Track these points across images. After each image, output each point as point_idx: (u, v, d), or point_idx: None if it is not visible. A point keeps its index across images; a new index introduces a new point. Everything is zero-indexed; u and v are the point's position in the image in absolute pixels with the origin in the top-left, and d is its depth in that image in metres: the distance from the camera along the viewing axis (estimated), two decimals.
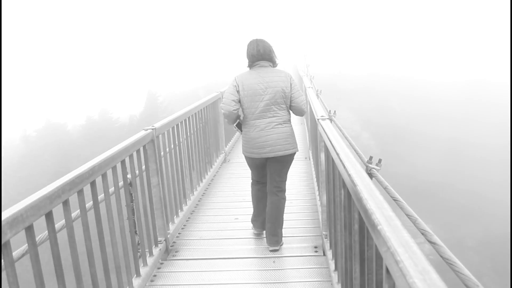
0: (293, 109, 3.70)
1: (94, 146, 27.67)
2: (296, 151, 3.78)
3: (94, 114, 32.24)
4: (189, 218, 4.56)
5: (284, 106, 3.61)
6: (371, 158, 3.14)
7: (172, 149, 4.28)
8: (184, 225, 4.37)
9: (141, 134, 3.39)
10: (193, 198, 4.83)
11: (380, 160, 3.08)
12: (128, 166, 3.15)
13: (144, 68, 55.12)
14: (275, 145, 3.61)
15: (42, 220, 1.90)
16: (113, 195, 2.87)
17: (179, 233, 4.17)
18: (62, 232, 2.21)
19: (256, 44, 3.69)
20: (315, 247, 3.72)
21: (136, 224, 3.13)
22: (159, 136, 3.78)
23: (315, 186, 5.02)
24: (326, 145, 3.04)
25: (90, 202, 2.50)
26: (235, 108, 3.60)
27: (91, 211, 2.51)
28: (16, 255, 1.88)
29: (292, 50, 29.30)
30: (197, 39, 68.01)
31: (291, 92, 3.61)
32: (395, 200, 2.46)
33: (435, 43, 60.82)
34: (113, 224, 2.68)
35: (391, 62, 54.18)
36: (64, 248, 1.94)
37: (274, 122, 3.60)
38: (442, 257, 1.63)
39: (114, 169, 2.81)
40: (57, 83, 48.46)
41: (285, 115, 3.65)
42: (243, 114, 3.68)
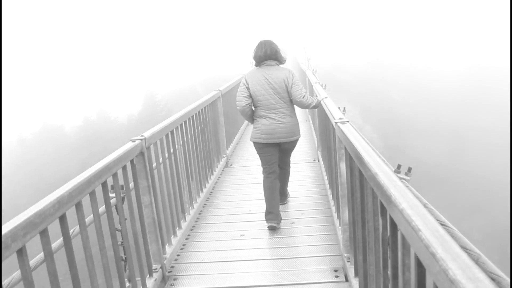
0: (294, 101, 4.10)
1: (93, 147, 27.16)
2: (299, 137, 4.28)
3: (91, 114, 31.72)
4: (188, 235, 4.04)
5: (287, 99, 4.05)
6: (399, 167, 2.62)
7: (167, 158, 3.76)
8: (183, 244, 3.85)
9: (127, 146, 2.87)
10: (192, 212, 4.31)
11: (410, 169, 2.59)
12: (118, 181, 2.66)
13: (140, 66, 54.39)
14: (281, 132, 4.07)
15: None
16: (92, 223, 2.36)
17: (178, 255, 3.65)
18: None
19: (264, 46, 4.12)
20: (335, 271, 3.20)
21: (125, 253, 2.63)
22: (151, 146, 3.26)
23: (329, 195, 4.49)
24: (350, 154, 2.53)
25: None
26: (247, 103, 4.06)
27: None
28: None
29: (291, 42, 28.72)
30: (192, 33, 67.25)
31: (291, 87, 4.00)
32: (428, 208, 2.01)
33: (433, 30, 60.07)
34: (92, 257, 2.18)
35: (389, 51, 53.41)
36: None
37: (282, 112, 4.05)
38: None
39: (93, 194, 2.28)
40: (53, 85, 47.79)
41: (290, 106, 4.10)
42: (254, 107, 4.14)
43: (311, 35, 52.80)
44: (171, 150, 3.88)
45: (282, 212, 4.25)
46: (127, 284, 2.66)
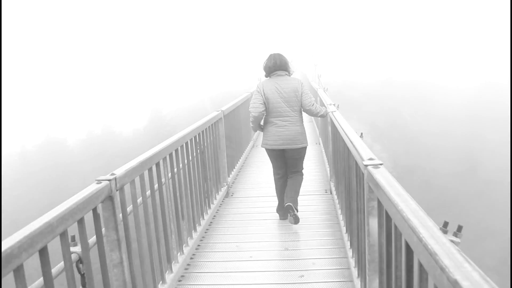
0: (304, 109, 4.41)
1: (95, 161, 26.59)
2: (305, 145, 4.48)
3: (95, 128, 31.19)
4: None
5: (296, 108, 4.32)
6: (446, 225, 1.93)
7: (149, 197, 3.05)
8: None
9: (90, 189, 2.18)
10: (181, 260, 3.57)
11: (460, 228, 1.91)
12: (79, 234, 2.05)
13: (147, 80, 54.02)
14: (286, 139, 4.32)
15: None
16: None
17: None
18: None
19: (274, 57, 4.41)
20: None
21: None
22: (124, 187, 2.56)
23: (347, 245, 3.72)
24: (386, 210, 1.83)
25: None
26: (263, 109, 4.32)
27: None
28: None
29: (301, 58, 28.18)
30: (202, 49, 67.07)
31: (301, 96, 4.30)
32: None
33: (444, 48, 59.46)
34: None
35: (399, 69, 52.80)
36: None
37: (288, 121, 4.31)
38: None
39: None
40: (57, 97, 47.43)
41: (297, 115, 4.35)
42: (265, 114, 4.39)
43: (321, 51, 52.38)
44: (156, 186, 3.18)
45: (289, 260, 3.60)
46: None
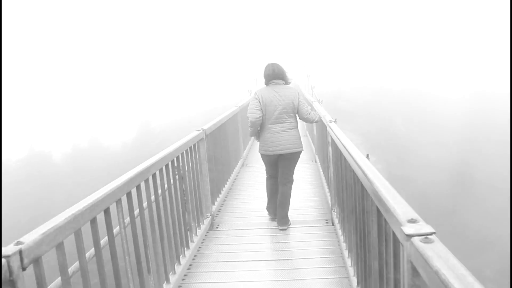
0: (300, 118, 4.62)
1: (80, 176, 25.57)
2: (302, 150, 4.62)
3: (81, 142, 30.14)
4: None
5: (293, 115, 4.53)
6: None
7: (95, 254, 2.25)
8: None
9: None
10: None
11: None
12: None
13: (136, 92, 52.95)
14: (285, 144, 4.49)
15: None
16: None
17: None
18: None
19: (272, 66, 4.60)
20: None
21: None
22: (41, 258, 1.74)
23: None
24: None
25: None
26: (260, 115, 4.48)
27: None
28: None
29: (292, 69, 27.54)
30: (192, 61, 66.30)
31: (298, 105, 4.51)
32: None
33: (437, 57, 59.29)
34: None
35: (390, 78, 52.29)
36: None
37: (285, 127, 4.50)
38: None
39: None
40: (42, 108, 46.18)
41: (293, 121, 4.56)
42: (261, 121, 4.55)
43: (312, 61, 51.86)
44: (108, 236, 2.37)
45: None
46: None
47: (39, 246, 1.66)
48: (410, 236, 1.35)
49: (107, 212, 2.31)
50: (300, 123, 5.27)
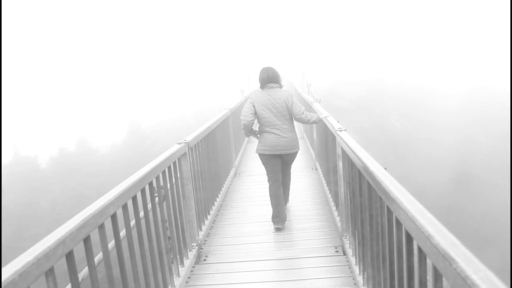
0: (295, 118, 4.74)
1: (67, 182, 24.58)
2: (298, 149, 4.81)
3: (68, 145, 29.07)
4: None
5: (288, 117, 4.69)
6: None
7: None
8: None
9: None
10: None
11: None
12: None
13: (125, 91, 51.65)
14: (285, 145, 4.65)
15: None
16: None
17: None
18: None
19: (266, 71, 4.77)
20: None
21: None
22: None
23: None
24: None
25: None
26: (252, 119, 4.66)
27: None
28: None
29: (285, 67, 26.71)
30: (183, 61, 65.06)
31: (291, 106, 4.65)
32: None
33: (433, 52, 58.66)
34: None
35: (386, 74, 51.52)
36: None
37: (283, 128, 4.65)
38: None
39: None
40: (26, 110, 44.80)
41: (289, 123, 4.71)
42: (259, 124, 4.75)
43: (305, 57, 50.96)
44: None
45: None
46: None
47: None
48: None
49: (69, 257, 1.75)
50: (297, 125, 5.09)
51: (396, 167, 34.66)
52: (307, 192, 6.05)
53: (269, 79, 4.69)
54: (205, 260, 4.05)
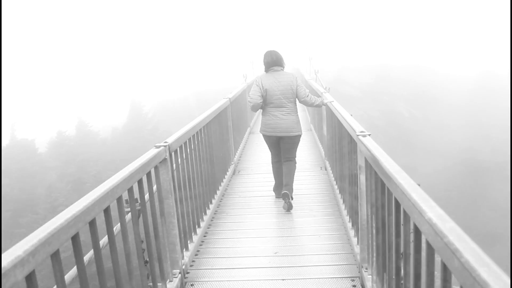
0: (299, 100, 4.88)
1: (65, 167, 23.90)
2: (300, 134, 4.89)
3: (67, 128, 28.27)
4: None
5: (292, 99, 4.80)
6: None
7: None
8: None
9: None
10: None
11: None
12: None
13: (126, 74, 50.59)
14: (285, 127, 4.77)
15: None
16: None
17: None
18: None
19: (270, 54, 4.89)
20: None
21: None
22: None
23: None
24: None
25: None
26: (260, 100, 4.76)
27: None
28: None
29: (291, 52, 25.70)
30: (186, 42, 63.72)
31: (296, 88, 4.77)
32: None
33: (440, 37, 57.32)
34: None
35: (394, 61, 50.30)
36: None
37: (284, 111, 4.76)
38: None
39: None
40: (24, 92, 43.93)
41: (292, 106, 4.83)
42: (263, 104, 4.83)
43: (312, 42, 49.75)
44: None
45: None
46: None
47: None
48: None
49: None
50: (305, 117, 4.59)
51: (403, 156, 33.83)
52: (315, 197, 5.23)
53: (273, 62, 4.82)
54: (192, 285, 3.27)
